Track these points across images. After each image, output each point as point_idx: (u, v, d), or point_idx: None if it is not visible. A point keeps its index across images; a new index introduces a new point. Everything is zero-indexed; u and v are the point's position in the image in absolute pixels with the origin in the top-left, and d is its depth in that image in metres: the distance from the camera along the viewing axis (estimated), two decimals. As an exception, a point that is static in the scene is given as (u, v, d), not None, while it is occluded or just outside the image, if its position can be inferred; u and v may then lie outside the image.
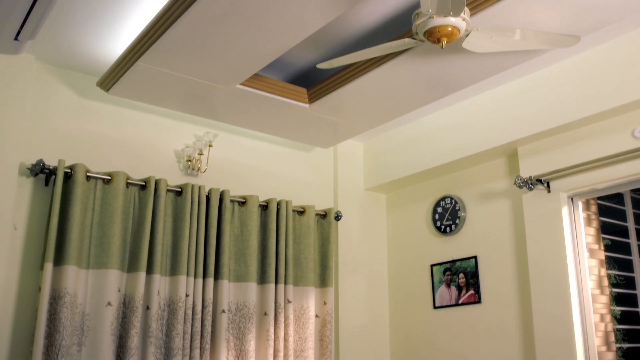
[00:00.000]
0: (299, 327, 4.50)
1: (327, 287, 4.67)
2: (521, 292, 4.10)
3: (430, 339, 4.68)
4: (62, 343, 3.48)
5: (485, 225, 4.44)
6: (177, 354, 3.87)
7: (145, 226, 3.92)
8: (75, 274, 3.63)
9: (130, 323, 3.76)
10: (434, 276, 4.73)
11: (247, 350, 4.19)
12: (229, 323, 4.18)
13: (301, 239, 4.64)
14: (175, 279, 3.99)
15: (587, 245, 3.91)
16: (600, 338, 3.93)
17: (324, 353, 4.55)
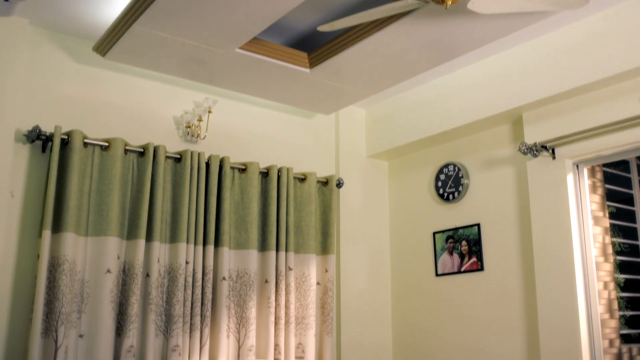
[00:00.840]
0: (300, 294, 4.49)
1: (329, 255, 4.64)
2: (524, 259, 4.07)
3: (432, 307, 4.67)
4: (61, 310, 3.47)
5: (489, 192, 4.38)
6: (177, 321, 3.86)
7: (144, 193, 3.88)
8: (74, 242, 3.60)
9: (130, 290, 3.74)
10: (436, 244, 4.70)
11: (248, 317, 4.18)
12: (230, 290, 4.17)
13: (302, 206, 4.59)
14: (175, 246, 3.96)
15: (591, 212, 3.86)
16: (604, 306, 3.91)
17: (325, 320, 4.55)
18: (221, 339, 4.03)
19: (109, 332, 3.64)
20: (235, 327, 4.15)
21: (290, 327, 4.34)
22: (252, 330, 4.18)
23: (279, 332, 4.28)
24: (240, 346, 4.14)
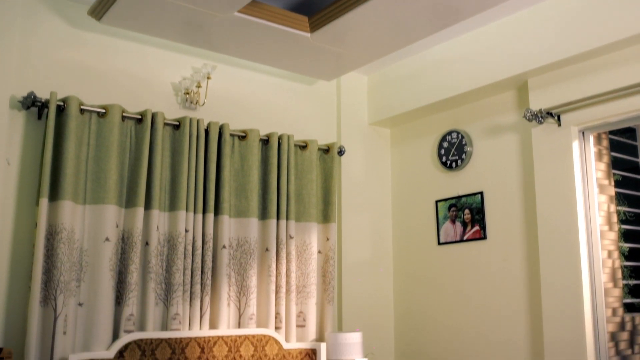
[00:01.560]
0: (301, 263, 4.46)
1: (330, 223, 4.60)
2: (528, 228, 4.02)
3: (434, 275, 4.64)
4: (60, 279, 3.44)
5: (492, 160, 4.32)
6: (177, 289, 3.84)
7: (143, 161, 3.82)
8: (72, 210, 3.55)
9: (130, 259, 3.72)
10: (439, 212, 4.65)
11: (249, 285, 4.15)
12: (230, 259, 4.14)
13: (303, 174, 4.54)
14: (174, 215, 3.92)
15: (597, 180, 3.80)
16: (607, 274, 3.88)
17: (327, 289, 4.52)
18: (221, 307, 4.02)
19: (108, 300, 3.62)
20: (236, 296, 4.13)
21: (291, 295, 4.33)
22: (253, 299, 4.16)
23: (280, 301, 4.26)
24: (240, 314, 4.13)
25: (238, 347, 3.98)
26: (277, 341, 4.15)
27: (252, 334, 4.06)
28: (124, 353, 3.57)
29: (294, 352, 4.22)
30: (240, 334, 4.01)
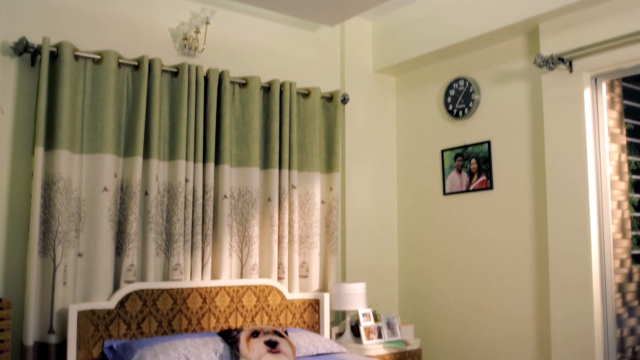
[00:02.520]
0: (304, 213, 4.40)
1: (333, 173, 4.52)
2: (535, 178, 3.93)
3: (439, 226, 4.58)
4: (58, 229, 3.39)
5: (500, 108, 4.20)
6: (178, 239, 3.79)
7: (140, 109, 3.72)
8: (69, 159, 3.47)
9: (129, 209, 3.65)
10: (445, 162, 4.56)
11: (251, 236, 4.10)
12: (232, 209, 4.08)
13: (306, 122, 4.43)
14: (174, 164, 3.84)
15: (608, 129, 3.68)
16: (617, 225, 3.80)
17: (330, 239, 4.47)
18: (223, 257, 3.97)
19: (108, 251, 3.57)
20: (238, 246, 4.09)
21: (294, 246, 4.28)
22: (255, 249, 4.11)
23: (283, 251, 4.22)
24: (243, 265, 4.09)
25: (240, 297, 3.95)
26: (280, 291, 4.13)
27: (255, 285, 4.03)
28: (124, 303, 3.55)
29: (297, 303, 4.20)
30: (243, 285, 3.98)
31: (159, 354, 3.23)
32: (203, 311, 3.79)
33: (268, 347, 3.42)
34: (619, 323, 3.59)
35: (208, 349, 3.38)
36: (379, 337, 4.18)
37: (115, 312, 3.51)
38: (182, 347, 3.33)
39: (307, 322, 4.22)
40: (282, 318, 4.11)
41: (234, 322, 3.90)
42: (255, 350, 3.37)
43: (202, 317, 3.79)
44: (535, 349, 3.87)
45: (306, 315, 4.22)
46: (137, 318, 3.57)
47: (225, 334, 3.54)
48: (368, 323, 4.19)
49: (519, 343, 3.97)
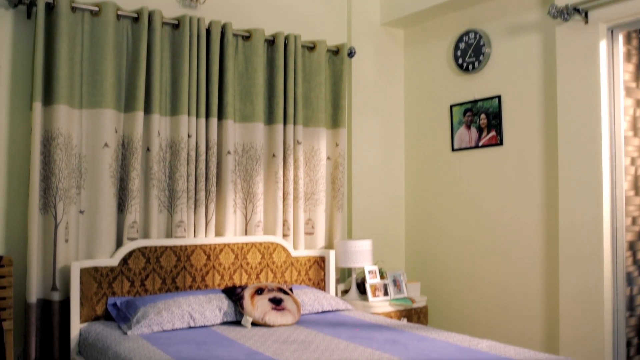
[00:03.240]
0: (309, 169, 4.32)
1: (339, 128, 4.42)
2: (547, 133, 3.83)
3: (447, 182, 4.50)
4: (59, 186, 3.33)
5: (512, 62, 4.06)
6: (181, 196, 3.74)
7: (141, 63, 3.62)
8: (68, 114, 3.39)
9: (130, 165, 3.59)
10: (454, 117, 4.45)
11: (255, 192, 4.04)
12: (236, 165, 4.01)
13: (311, 76, 4.32)
14: (176, 119, 3.76)
15: (624, 83, 3.55)
16: (629, 182, 3.70)
17: (336, 196, 4.41)
18: (227, 214, 3.92)
19: (110, 208, 3.52)
20: (242, 203, 4.03)
21: (299, 202, 4.22)
22: (260, 206, 4.06)
23: (288, 208, 4.16)
24: (247, 222, 4.04)
25: (245, 254, 3.91)
26: (285, 248, 4.08)
27: (259, 242, 3.98)
28: (127, 260, 3.51)
29: (302, 260, 4.16)
30: (247, 242, 3.93)
31: (163, 311, 3.21)
32: (207, 268, 3.76)
33: (272, 305, 3.39)
34: (629, 281, 3.53)
35: (212, 306, 3.36)
36: (385, 294, 4.14)
37: (118, 269, 3.48)
38: (185, 304, 3.30)
39: (312, 279, 4.19)
40: (287, 275, 4.08)
41: (239, 279, 3.87)
42: (260, 308, 3.35)
43: (206, 275, 3.76)
44: (543, 304, 3.83)
45: (311, 273, 4.19)
46: (140, 275, 3.55)
47: (229, 291, 3.51)
48: (374, 280, 4.15)
49: (527, 298, 3.93)
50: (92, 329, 3.23)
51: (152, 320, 3.14)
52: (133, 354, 2.71)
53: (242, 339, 3.01)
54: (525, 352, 2.66)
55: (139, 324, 3.12)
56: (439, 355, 2.65)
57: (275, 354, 2.70)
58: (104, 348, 2.93)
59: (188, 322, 3.24)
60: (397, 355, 2.66)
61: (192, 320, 3.25)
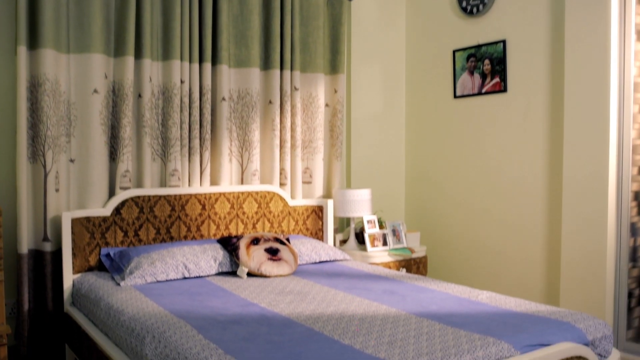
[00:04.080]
0: (307, 116, 4.20)
1: (338, 74, 4.28)
2: (553, 79, 3.69)
3: (449, 131, 4.38)
4: (47, 133, 3.22)
5: (518, 4, 3.89)
6: (174, 144, 3.63)
7: (130, 4, 3.45)
8: (55, 59, 3.25)
9: (122, 112, 3.47)
10: (456, 63, 4.30)
11: (251, 140, 3.93)
12: (231, 112, 3.89)
13: (309, 20, 4.15)
14: (168, 64, 3.62)
15: (635, 27, 3.40)
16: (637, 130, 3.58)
17: (334, 143, 4.30)
18: (223, 163, 3.82)
19: (101, 156, 3.42)
20: (238, 151, 3.93)
21: (296, 151, 4.12)
22: (256, 154, 3.96)
23: (285, 156, 4.06)
24: (243, 171, 3.95)
25: (241, 203, 3.83)
26: (282, 198, 4.00)
27: (256, 191, 3.90)
28: (120, 210, 3.43)
29: (300, 209, 4.08)
30: (243, 191, 3.85)
31: (156, 261, 3.15)
32: (202, 218, 3.68)
33: (269, 255, 3.33)
34: (633, 232, 3.46)
35: (207, 257, 3.29)
36: (384, 244, 4.08)
37: (111, 219, 3.40)
38: (180, 255, 3.24)
39: (310, 229, 4.12)
40: (284, 225, 4.01)
41: (235, 229, 3.80)
42: (256, 258, 3.28)
43: (202, 224, 3.68)
44: (545, 256, 3.77)
45: (309, 222, 4.12)
46: (134, 225, 3.47)
47: (224, 241, 3.44)
48: (373, 230, 4.09)
49: (529, 248, 3.87)
50: (85, 280, 3.17)
51: (145, 271, 3.08)
52: (125, 305, 2.65)
53: (238, 289, 2.95)
54: (526, 304, 2.60)
55: (132, 274, 3.06)
56: (438, 307, 2.59)
57: (271, 305, 2.64)
58: (96, 299, 2.87)
59: (182, 272, 3.18)
60: (395, 306, 2.60)
61: (187, 271, 3.19)
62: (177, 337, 2.18)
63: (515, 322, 2.32)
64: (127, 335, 2.42)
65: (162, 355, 2.13)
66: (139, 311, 2.54)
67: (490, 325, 2.27)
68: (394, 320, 2.37)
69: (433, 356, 1.93)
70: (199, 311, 2.53)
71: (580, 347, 2.15)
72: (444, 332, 2.20)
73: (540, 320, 2.33)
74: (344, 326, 2.29)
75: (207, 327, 2.29)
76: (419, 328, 2.26)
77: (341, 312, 2.51)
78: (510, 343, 2.07)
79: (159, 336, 2.24)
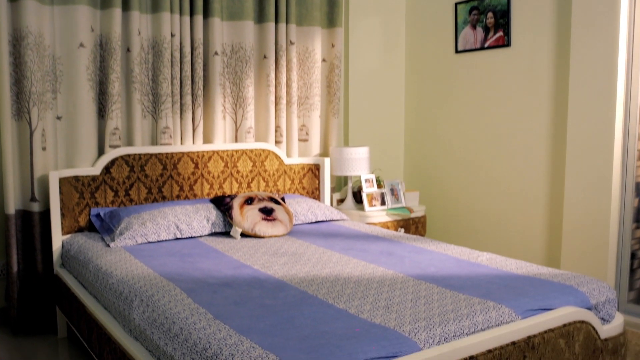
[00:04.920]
0: (303, 71, 4.06)
1: (336, 28, 4.12)
2: (559, 33, 3.54)
3: (450, 87, 4.25)
4: (32, 89, 3.09)
5: (524, -48, 3.72)
6: (165, 100, 3.50)
7: (116, -47, 3.29)
8: (37, 11, 3.10)
9: (109, 67, 3.33)
10: (458, 16, 4.13)
11: (245, 96, 3.80)
12: (224, 67, 3.75)
13: (305, -30, 3.98)
14: (157, 17, 3.47)
15: (646, -25, 3.24)
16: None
17: (332, 101, 4.17)
18: (216, 120, 3.70)
19: (89, 113, 3.30)
20: (232, 108, 3.80)
21: (292, 107, 3.99)
22: (250, 111, 3.83)
23: (280, 113, 3.93)
24: (237, 128, 3.83)
25: (235, 162, 3.72)
26: (278, 156, 3.89)
27: (250, 149, 3.79)
28: (110, 169, 3.33)
29: (296, 168, 3.98)
30: (237, 149, 3.74)
31: (147, 221, 3.06)
32: (195, 177, 3.58)
33: (263, 215, 3.24)
34: (638, 192, 3.36)
35: (199, 217, 3.20)
36: (382, 204, 3.99)
37: (100, 178, 3.30)
38: (171, 215, 3.15)
39: (306, 188, 4.03)
40: (280, 184, 3.91)
41: (229, 189, 3.71)
42: (249, 218, 3.19)
43: (195, 184, 3.58)
44: (547, 216, 3.68)
45: (305, 181, 4.02)
46: (124, 185, 3.37)
47: (217, 200, 3.34)
48: (371, 189, 3.99)
49: (530, 208, 3.78)
50: (74, 241, 3.08)
51: (136, 232, 2.99)
52: (114, 267, 2.57)
53: (230, 250, 2.87)
54: (527, 266, 2.52)
55: (122, 235, 2.97)
56: (436, 268, 2.51)
57: (264, 267, 2.56)
58: (85, 261, 2.79)
59: (174, 233, 3.09)
60: (393, 268, 2.52)
61: (179, 232, 3.10)
62: (165, 300, 2.11)
63: (516, 285, 2.24)
64: (115, 298, 2.34)
65: (150, 319, 2.05)
66: (128, 273, 2.46)
67: (491, 289, 2.19)
68: (390, 283, 2.29)
69: (431, 321, 1.85)
70: (190, 273, 2.45)
71: (583, 311, 2.08)
72: (442, 296, 2.12)
73: (542, 284, 2.25)
74: (339, 289, 2.21)
75: (197, 290, 2.21)
76: (417, 291, 2.18)
77: (336, 275, 2.43)
78: (511, 307, 1.99)
79: (147, 300, 2.16)
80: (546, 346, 1.94)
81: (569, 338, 2.01)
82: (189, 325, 1.87)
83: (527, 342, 1.89)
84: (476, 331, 1.87)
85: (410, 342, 1.72)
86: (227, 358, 1.62)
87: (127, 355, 2.11)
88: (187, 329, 1.86)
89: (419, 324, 1.83)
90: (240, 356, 1.61)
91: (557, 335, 1.97)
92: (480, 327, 1.88)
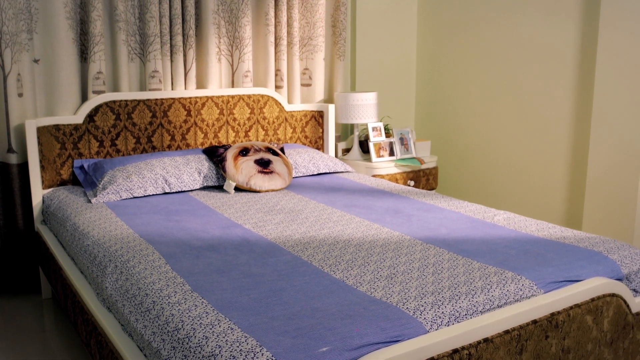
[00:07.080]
0: (305, 9, 3.73)
1: (341, -39, 3.77)
2: (588, -36, 3.19)
3: (466, 26, 3.90)
4: (3, 29, 2.81)
5: None
6: (154, 41, 3.20)
7: None
8: (7, -60, 2.79)
9: (91, 4, 3.03)
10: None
11: (242, 37, 3.49)
12: (218, 5, 3.43)
13: None
14: (142, -52, 3.14)
15: None
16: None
17: (337, 42, 3.85)
18: (210, 63, 3.41)
19: (70, 56, 3.01)
20: (227, 49, 3.50)
21: (293, 49, 3.68)
22: (248, 53, 3.53)
23: (281, 55, 3.63)
24: (234, 72, 3.53)
25: (231, 109, 3.44)
26: (278, 102, 3.61)
27: (248, 94, 3.50)
28: (94, 117, 3.06)
29: (298, 115, 3.70)
30: (234, 94, 3.45)
31: (132, 175, 2.81)
32: (188, 125, 3.31)
33: (259, 167, 2.98)
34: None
35: (190, 169, 2.95)
36: (391, 154, 3.71)
37: (83, 127, 3.04)
38: (159, 167, 2.89)
39: (309, 137, 3.75)
40: (280, 133, 3.63)
41: (225, 138, 3.44)
42: (244, 171, 2.94)
43: (187, 133, 3.32)
44: (569, 169, 3.39)
45: (308, 130, 3.74)
46: (110, 134, 3.11)
47: (210, 151, 3.08)
48: (378, 138, 3.71)
49: (551, 163, 3.48)
50: (55, 195, 2.85)
51: (120, 186, 2.75)
52: (92, 226, 2.33)
53: (222, 207, 2.63)
54: (549, 228, 2.26)
55: (105, 190, 2.73)
56: (447, 230, 2.26)
57: (257, 226, 2.32)
58: (63, 218, 2.56)
59: (162, 187, 2.85)
60: (399, 229, 2.27)
61: (167, 186, 2.86)
62: (141, 267, 1.87)
63: (537, 251, 1.98)
64: (90, 262, 2.12)
65: (123, 289, 1.82)
66: (105, 234, 2.22)
67: (508, 255, 1.93)
68: (395, 248, 2.04)
69: (439, 296, 1.60)
70: (173, 234, 2.21)
71: (613, 282, 1.82)
72: (453, 264, 1.87)
73: (566, 249, 1.99)
74: (337, 254, 1.97)
75: (178, 255, 1.98)
76: (425, 258, 1.93)
77: (335, 236, 2.18)
78: (532, 279, 1.73)
79: (121, 266, 1.93)
80: (571, 324, 1.69)
81: (597, 314, 1.76)
82: (162, 298, 1.64)
83: (550, 320, 1.64)
84: (492, 308, 1.62)
85: (415, 323, 1.48)
86: (200, 341, 1.39)
87: (98, 329, 1.89)
88: (159, 303, 1.63)
89: (426, 299, 1.58)
90: (215, 339, 1.38)
91: (584, 311, 1.72)
92: (497, 303, 1.63)
